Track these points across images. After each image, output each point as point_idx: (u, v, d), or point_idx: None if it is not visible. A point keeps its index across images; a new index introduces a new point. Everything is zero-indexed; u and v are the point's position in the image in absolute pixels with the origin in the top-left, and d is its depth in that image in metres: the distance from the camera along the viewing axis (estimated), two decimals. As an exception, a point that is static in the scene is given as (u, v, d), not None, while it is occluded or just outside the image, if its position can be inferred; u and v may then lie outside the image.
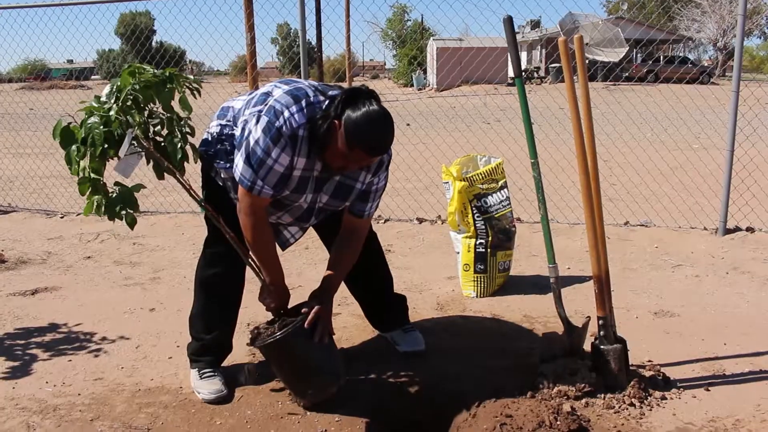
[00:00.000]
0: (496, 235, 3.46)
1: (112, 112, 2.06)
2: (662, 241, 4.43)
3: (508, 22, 2.49)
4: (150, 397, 2.46)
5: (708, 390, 2.43)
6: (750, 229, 4.55)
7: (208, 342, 2.51)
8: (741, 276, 3.72)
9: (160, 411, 2.36)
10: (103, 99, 2.11)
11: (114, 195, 2.15)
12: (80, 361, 2.78)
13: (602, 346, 2.43)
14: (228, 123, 2.31)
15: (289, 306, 2.40)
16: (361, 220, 2.39)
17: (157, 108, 2.19)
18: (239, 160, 2.13)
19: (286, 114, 2.06)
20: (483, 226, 3.44)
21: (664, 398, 2.36)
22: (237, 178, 2.15)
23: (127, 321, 3.23)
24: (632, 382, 2.38)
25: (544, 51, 31.05)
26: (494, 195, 3.49)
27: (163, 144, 2.20)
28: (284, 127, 2.05)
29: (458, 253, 3.56)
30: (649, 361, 2.64)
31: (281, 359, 2.32)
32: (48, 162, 7.72)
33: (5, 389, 2.53)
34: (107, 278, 3.90)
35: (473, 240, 3.46)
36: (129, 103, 2.09)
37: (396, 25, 40.33)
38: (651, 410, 2.29)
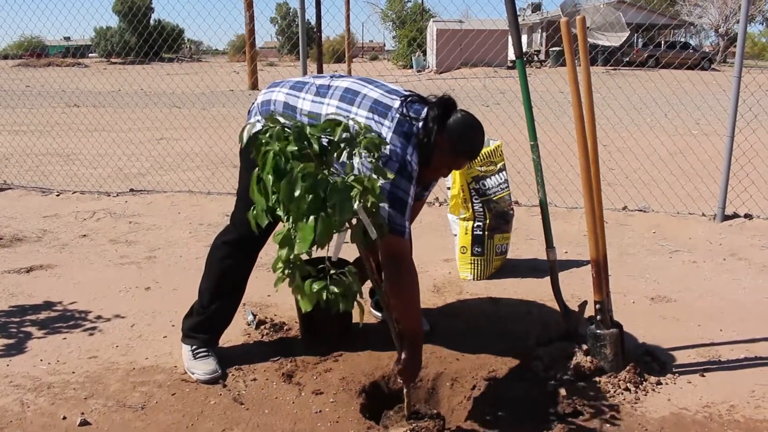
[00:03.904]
0: (493, 218, 3.45)
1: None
2: (660, 226, 4.42)
3: (510, 1, 2.47)
4: (144, 375, 2.46)
5: (703, 375, 2.43)
6: (748, 216, 4.54)
7: (211, 313, 2.50)
8: (738, 262, 3.72)
9: (154, 390, 2.35)
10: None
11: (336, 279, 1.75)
12: (75, 339, 2.77)
13: (598, 331, 2.42)
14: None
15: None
16: None
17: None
18: (384, 209, 2.06)
19: (408, 158, 2.11)
20: (481, 209, 3.42)
21: (659, 383, 2.36)
22: (390, 229, 2.05)
23: (122, 300, 3.22)
24: (628, 367, 2.38)
25: (544, 34, 30.86)
26: (493, 177, 3.47)
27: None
28: (409, 167, 2.10)
29: (455, 235, 3.55)
30: (645, 345, 2.64)
31: None
32: (44, 139, 7.67)
33: (-1, 366, 2.52)
34: (103, 257, 3.88)
35: (471, 222, 3.45)
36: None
37: (396, 6, 40.07)
38: (646, 395, 2.29)
